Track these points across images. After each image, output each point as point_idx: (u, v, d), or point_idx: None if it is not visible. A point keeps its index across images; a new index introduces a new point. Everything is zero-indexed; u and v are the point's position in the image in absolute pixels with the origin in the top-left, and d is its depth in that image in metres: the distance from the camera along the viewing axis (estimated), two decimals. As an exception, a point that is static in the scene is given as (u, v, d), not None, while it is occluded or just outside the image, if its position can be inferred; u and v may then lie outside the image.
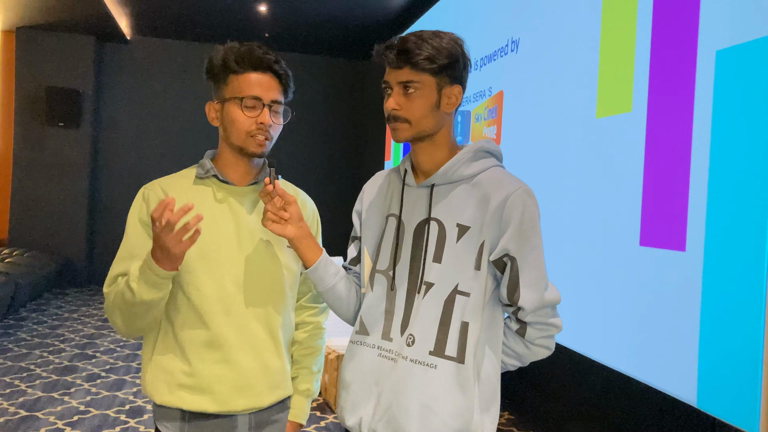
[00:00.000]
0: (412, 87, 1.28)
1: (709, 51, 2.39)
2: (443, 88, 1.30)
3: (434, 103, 1.29)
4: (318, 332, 1.64)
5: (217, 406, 1.43)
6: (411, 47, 1.26)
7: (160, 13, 7.35)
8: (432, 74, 1.28)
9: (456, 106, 1.34)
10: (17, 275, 6.06)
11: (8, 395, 4.06)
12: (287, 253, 1.53)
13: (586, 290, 3.10)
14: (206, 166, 1.49)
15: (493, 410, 1.32)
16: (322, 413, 3.96)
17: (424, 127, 1.31)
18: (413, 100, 1.29)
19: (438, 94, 1.29)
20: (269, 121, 1.43)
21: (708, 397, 2.32)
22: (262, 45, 1.46)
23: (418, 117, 1.29)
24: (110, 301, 1.40)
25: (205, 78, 1.50)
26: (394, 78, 1.30)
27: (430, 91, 1.29)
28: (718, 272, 2.30)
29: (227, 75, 1.45)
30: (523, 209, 1.27)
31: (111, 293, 1.40)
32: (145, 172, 7.97)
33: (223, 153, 1.50)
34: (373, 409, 1.33)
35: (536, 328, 1.31)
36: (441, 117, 1.32)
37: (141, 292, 1.32)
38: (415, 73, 1.28)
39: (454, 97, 1.31)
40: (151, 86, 8.43)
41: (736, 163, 2.24)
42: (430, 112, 1.30)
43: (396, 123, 1.31)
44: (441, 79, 1.29)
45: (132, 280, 1.33)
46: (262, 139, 1.44)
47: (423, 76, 1.28)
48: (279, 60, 1.47)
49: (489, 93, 4.44)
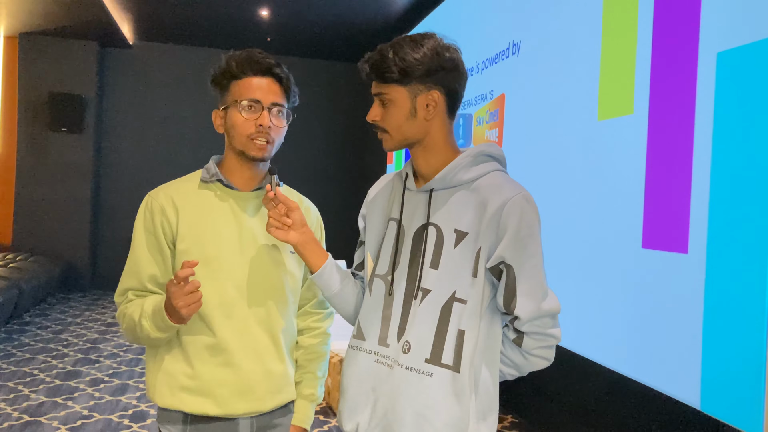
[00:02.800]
0: (385, 99, 1.30)
1: (711, 53, 2.39)
2: (417, 96, 1.28)
3: (408, 112, 1.29)
4: (323, 338, 1.65)
5: (219, 409, 1.43)
6: (376, 61, 1.28)
7: (162, 18, 7.37)
8: (401, 84, 1.27)
9: (440, 111, 1.30)
10: (21, 280, 6.07)
11: (12, 400, 4.06)
12: (290, 258, 1.53)
13: (589, 293, 3.09)
14: (211, 170, 1.50)
15: (490, 420, 1.30)
16: (325, 417, 3.96)
17: (404, 136, 1.31)
18: (388, 111, 1.30)
19: (412, 102, 1.28)
20: (268, 122, 1.44)
21: (711, 400, 2.32)
22: (262, 50, 1.48)
23: (394, 126, 1.30)
24: (122, 319, 1.47)
25: (211, 88, 1.52)
26: (372, 90, 1.33)
27: (402, 101, 1.28)
28: (720, 274, 2.30)
29: (229, 81, 1.47)
30: (521, 216, 1.25)
31: (122, 315, 1.47)
32: (148, 177, 7.98)
33: (228, 159, 1.52)
34: (369, 415, 1.33)
35: (533, 338, 1.29)
36: (421, 124, 1.30)
37: (150, 331, 1.39)
38: (384, 86, 1.29)
39: (433, 102, 1.29)
40: (154, 91, 8.45)
41: (738, 165, 2.24)
42: (406, 120, 1.29)
43: (379, 133, 1.34)
44: (413, 88, 1.28)
45: (144, 318, 1.40)
46: (263, 142, 1.44)
47: (391, 87, 1.28)
48: (279, 64, 1.49)
49: (490, 96, 4.44)
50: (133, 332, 1.44)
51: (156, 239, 1.44)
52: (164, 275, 1.46)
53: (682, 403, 2.46)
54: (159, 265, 1.45)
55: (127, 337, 1.48)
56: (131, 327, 1.43)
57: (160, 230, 1.44)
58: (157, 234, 1.44)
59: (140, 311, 1.41)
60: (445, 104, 1.31)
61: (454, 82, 1.31)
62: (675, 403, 2.51)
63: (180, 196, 1.47)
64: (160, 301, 1.38)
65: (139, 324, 1.40)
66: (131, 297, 1.46)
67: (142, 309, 1.41)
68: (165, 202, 1.46)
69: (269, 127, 1.45)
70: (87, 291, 8.11)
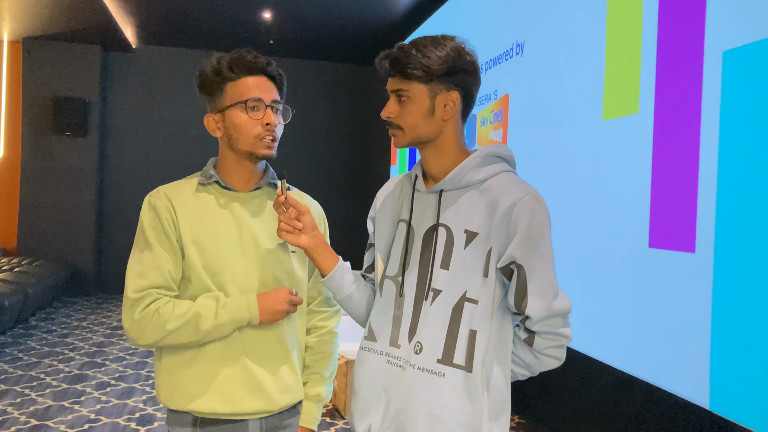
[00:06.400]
0: (404, 95, 1.30)
1: (716, 52, 2.38)
2: (437, 95, 1.29)
3: (427, 111, 1.30)
4: (329, 337, 1.64)
5: (229, 407, 1.43)
6: (400, 57, 1.28)
7: (164, 21, 7.38)
8: (422, 82, 1.28)
9: (455, 112, 1.32)
10: (26, 284, 6.08)
11: (19, 404, 4.07)
12: (292, 258, 1.54)
13: (596, 293, 3.09)
14: (209, 174, 1.50)
15: (502, 419, 1.30)
16: (332, 419, 3.95)
17: (419, 134, 1.32)
18: (405, 108, 1.30)
19: (431, 101, 1.29)
20: (275, 121, 1.45)
21: (720, 399, 2.31)
22: (251, 50, 1.47)
23: (410, 124, 1.31)
24: (153, 317, 1.39)
25: (198, 93, 1.50)
26: (388, 86, 1.33)
27: (421, 99, 1.29)
28: (728, 273, 2.29)
29: (223, 84, 1.46)
30: (531, 216, 1.25)
31: (153, 312, 1.39)
32: (153, 180, 7.99)
33: (226, 160, 1.51)
34: (381, 416, 1.33)
35: (544, 337, 1.29)
36: (437, 124, 1.31)
37: (226, 326, 1.41)
38: (405, 82, 1.29)
39: (451, 103, 1.30)
40: (157, 94, 8.47)
41: (745, 164, 2.23)
42: (423, 119, 1.30)
43: (392, 130, 1.34)
44: (433, 87, 1.28)
45: (223, 308, 1.41)
46: (270, 140, 1.45)
47: (412, 84, 1.28)
48: (271, 62, 1.49)
49: (495, 96, 4.44)
50: (189, 325, 1.38)
51: (166, 236, 1.43)
52: (177, 271, 1.44)
53: (691, 402, 2.45)
54: (174, 262, 1.44)
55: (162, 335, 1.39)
56: (186, 320, 1.38)
57: (168, 227, 1.44)
58: (167, 231, 1.43)
59: (215, 304, 1.40)
60: (461, 106, 1.32)
61: (472, 85, 1.33)
62: (683, 402, 2.50)
63: (178, 198, 1.47)
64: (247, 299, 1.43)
65: (216, 315, 1.39)
66: (156, 295, 1.41)
67: (217, 301, 1.40)
68: (165, 202, 1.46)
69: (275, 125, 1.45)
70: (92, 294, 8.13)
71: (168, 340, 1.40)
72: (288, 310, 1.46)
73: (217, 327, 1.40)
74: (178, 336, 1.39)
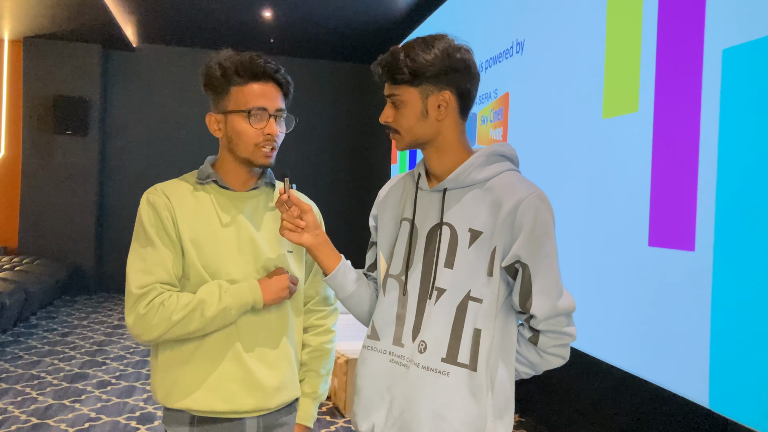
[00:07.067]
0: (397, 100, 1.31)
1: (716, 49, 2.38)
2: (429, 97, 1.29)
3: (420, 113, 1.30)
4: (326, 335, 1.64)
5: (226, 405, 1.43)
6: (389, 62, 1.29)
7: (165, 20, 7.38)
8: (412, 85, 1.29)
9: (451, 111, 1.31)
10: (27, 283, 6.09)
11: (19, 403, 4.08)
12: (288, 257, 1.54)
13: (596, 291, 3.09)
14: (206, 172, 1.50)
15: (506, 418, 1.31)
16: (332, 417, 3.96)
17: (416, 136, 1.32)
18: (400, 112, 1.31)
19: (423, 103, 1.29)
20: (276, 131, 1.45)
21: (720, 398, 2.31)
22: (261, 54, 1.46)
23: (406, 127, 1.32)
24: (158, 309, 1.38)
25: (203, 90, 1.49)
26: (384, 91, 1.34)
27: (414, 102, 1.30)
28: (727, 272, 2.29)
29: (229, 86, 1.45)
30: (536, 215, 1.25)
31: (159, 305, 1.38)
32: (153, 179, 7.89)
33: (225, 160, 1.51)
34: (385, 415, 1.33)
35: (549, 336, 1.30)
36: (433, 125, 1.31)
37: (231, 309, 1.41)
38: (396, 87, 1.30)
39: (444, 103, 1.30)
40: (158, 93, 8.47)
41: (745, 162, 2.23)
42: (417, 121, 1.30)
43: (391, 133, 1.35)
44: (424, 89, 1.29)
45: (226, 292, 1.41)
46: (269, 150, 1.45)
47: (403, 88, 1.29)
48: (279, 68, 1.47)
49: (495, 95, 4.43)
50: (195, 312, 1.38)
51: (167, 233, 1.43)
52: (178, 268, 1.44)
53: (690, 401, 2.45)
54: (175, 258, 1.43)
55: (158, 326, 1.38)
56: (192, 308, 1.38)
57: (168, 225, 1.44)
58: (167, 228, 1.43)
59: (218, 290, 1.40)
60: (457, 105, 1.32)
61: (466, 83, 1.32)
62: (683, 401, 2.50)
63: (176, 196, 1.47)
64: (249, 283, 1.44)
65: (220, 299, 1.39)
66: (161, 289, 1.40)
67: (220, 293, 1.40)
68: (163, 199, 1.46)
69: (275, 135, 1.45)
70: (93, 293, 8.14)
71: (174, 330, 1.38)
72: (291, 289, 1.47)
73: (222, 311, 1.39)
74: (184, 326, 1.38)
